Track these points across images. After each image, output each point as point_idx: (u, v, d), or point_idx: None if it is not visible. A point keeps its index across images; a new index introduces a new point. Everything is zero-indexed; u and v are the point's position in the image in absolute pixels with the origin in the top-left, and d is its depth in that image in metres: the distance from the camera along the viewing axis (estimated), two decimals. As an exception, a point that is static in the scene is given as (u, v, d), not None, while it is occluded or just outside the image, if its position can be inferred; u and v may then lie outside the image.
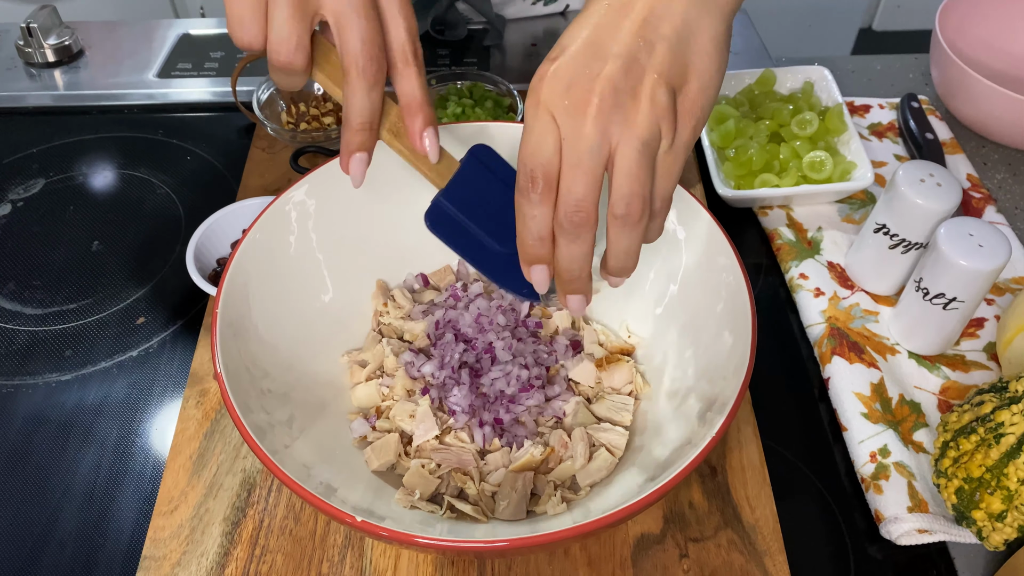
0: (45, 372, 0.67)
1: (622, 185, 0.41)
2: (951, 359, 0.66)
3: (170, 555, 0.54)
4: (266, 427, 0.48)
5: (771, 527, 0.56)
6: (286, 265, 0.58)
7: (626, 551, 0.55)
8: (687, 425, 0.52)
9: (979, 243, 0.59)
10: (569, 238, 0.43)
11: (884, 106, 0.89)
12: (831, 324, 0.67)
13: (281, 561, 0.54)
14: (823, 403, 0.65)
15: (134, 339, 0.69)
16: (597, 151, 0.41)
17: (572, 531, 0.43)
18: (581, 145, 0.41)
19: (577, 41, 0.42)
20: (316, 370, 0.59)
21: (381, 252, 0.64)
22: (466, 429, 0.57)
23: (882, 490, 0.57)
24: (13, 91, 0.92)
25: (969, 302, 0.61)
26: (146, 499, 0.59)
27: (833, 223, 0.77)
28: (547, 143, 0.41)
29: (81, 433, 0.63)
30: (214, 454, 0.59)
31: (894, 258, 0.67)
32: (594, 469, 0.55)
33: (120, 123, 0.90)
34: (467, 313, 0.62)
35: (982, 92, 0.80)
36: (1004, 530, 0.51)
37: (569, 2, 1.03)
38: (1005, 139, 0.85)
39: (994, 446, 0.50)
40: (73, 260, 0.76)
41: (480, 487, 0.55)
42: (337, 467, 0.53)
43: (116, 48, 0.97)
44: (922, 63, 0.96)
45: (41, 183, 0.83)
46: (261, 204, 0.71)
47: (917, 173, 0.64)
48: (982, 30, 0.90)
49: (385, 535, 0.43)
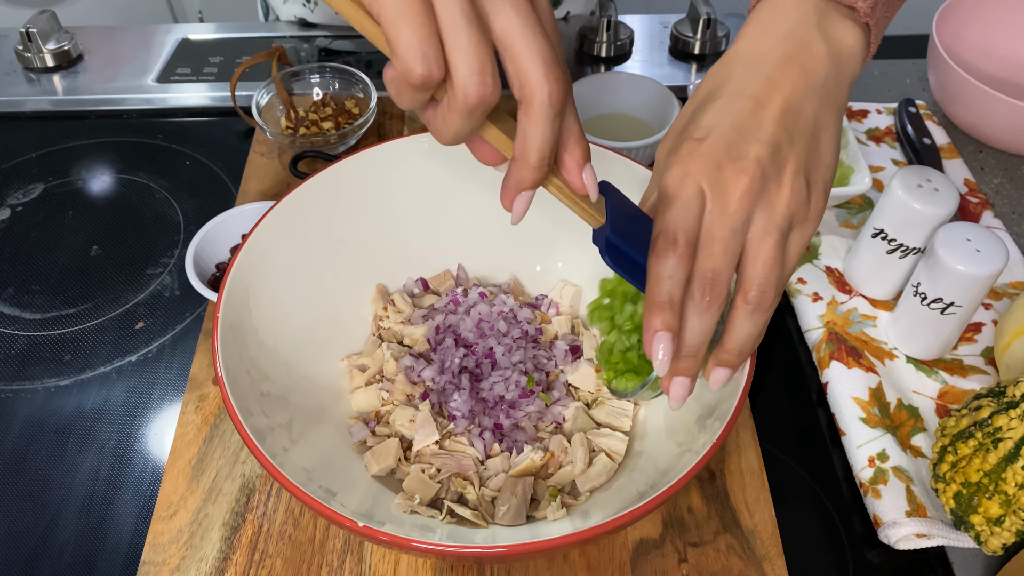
0: (44, 377, 0.67)
1: (759, 272, 0.41)
2: (949, 364, 0.66)
3: (169, 560, 0.54)
4: (266, 430, 0.48)
5: (770, 532, 0.56)
6: (286, 269, 0.58)
7: (625, 556, 0.55)
8: (687, 431, 0.52)
9: (976, 248, 0.59)
10: (698, 309, 0.42)
11: (882, 111, 0.89)
12: (829, 329, 0.68)
13: (280, 566, 0.54)
14: (821, 408, 0.65)
15: (133, 344, 0.69)
16: (740, 228, 0.41)
17: (571, 538, 0.43)
18: (727, 220, 0.41)
19: (723, 125, 0.43)
20: (316, 374, 0.59)
21: (381, 256, 0.65)
22: (466, 434, 0.57)
23: (880, 495, 0.57)
24: (12, 96, 0.92)
25: (967, 307, 0.61)
26: (145, 504, 0.59)
27: (831, 228, 0.77)
28: (692, 211, 0.42)
29: (80, 438, 0.63)
30: (213, 459, 0.59)
31: (892, 263, 0.67)
32: (594, 474, 0.55)
33: (119, 128, 0.90)
34: (467, 318, 0.62)
35: (979, 97, 0.80)
36: (1002, 534, 0.51)
37: (570, 8, 1.03)
38: (1002, 144, 0.85)
39: (992, 450, 0.50)
40: (72, 265, 0.76)
41: (480, 492, 0.55)
42: (337, 471, 0.53)
43: (115, 53, 0.97)
44: (920, 68, 0.97)
45: (40, 188, 0.83)
46: (260, 209, 0.71)
47: (914, 178, 0.64)
48: (979, 35, 0.90)
49: (385, 540, 0.43)
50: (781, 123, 0.42)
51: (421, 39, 0.36)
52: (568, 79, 0.40)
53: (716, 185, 0.41)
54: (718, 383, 0.45)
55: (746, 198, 0.41)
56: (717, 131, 0.43)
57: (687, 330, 0.42)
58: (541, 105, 0.38)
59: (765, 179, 0.41)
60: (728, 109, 0.43)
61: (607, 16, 0.95)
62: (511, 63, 0.38)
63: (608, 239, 0.44)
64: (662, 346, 0.41)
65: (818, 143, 0.43)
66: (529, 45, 0.38)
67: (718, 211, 0.41)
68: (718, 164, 0.42)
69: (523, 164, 0.40)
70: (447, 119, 0.38)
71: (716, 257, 0.41)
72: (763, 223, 0.41)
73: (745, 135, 0.42)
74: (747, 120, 0.43)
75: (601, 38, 0.96)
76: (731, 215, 0.41)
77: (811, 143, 0.43)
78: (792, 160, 0.42)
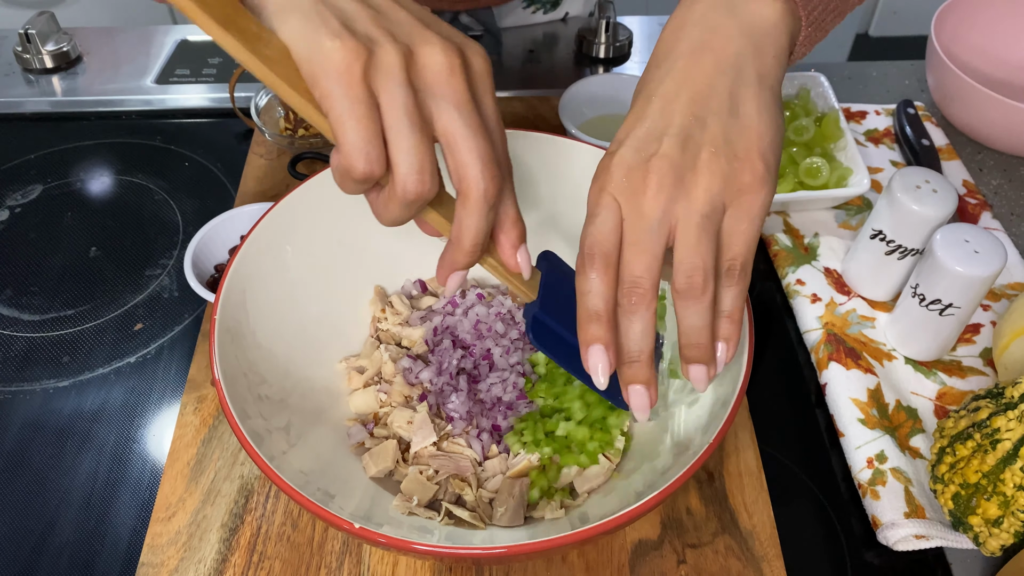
0: (43, 378, 0.67)
1: (683, 259, 0.41)
2: (947, 365, 0.66)
3: (168, 562, 0.54)
4: (264, 433, 0.48)
5: (768, 533, 0.56)
6: (284, 271, 0.58)
7: (624, 557, 0.55)
8: (684, 431, 0.52)
9: (975, 249, 0.59)
10: (629, 317, 0.42)
11: (880, 112, 0.89)
12: (828, 330, 0.68)
13: (279, 567, 0.54)
14: (820, 409, 0.65)
15: (132, 345, 0.69)
16: (656, 228, 0.41)
17: (570, 538, 0.43)
18: (641, 223, 0.41)
19: (634, 131, 0.43)
20: (313, 376, 0.59)
21: (379, 258, 0.65)
22: (464, 436, 0.57)
23: (879, 496, 0.57)
24: (11, 97, 0.92)
25: (965, 308, 0.61)
26: (144, 505, 0.59)
27: (830, 229, 0.77)
28: (607, 224, 0.42)
29: (79, 439, 0.63)
30: (212, 460, 0.59)
31: (890, 264, 0.67)
32: (591, 475, 0.55)
33: (118, 129, 0.90)
34: (465, 319, 0.62)
35: (978, 98, 0.80)
36: (1001, 535, 0.51)
37: (569, 10, 1.03)
38: (1001, 145, 0.85)
39: (990, 452, 0.50)
40: (71, 266, 0.76)
41: (478, 493, 0.55)
42: (335, 473, 0.53)
43: (114, 54, 0.97)
44: (918, 69, 0.97)
45: (39, 189, 0.83)
46: (259, 210, 0.71)
47: (913, 179, 0.64)
48: (978, 36, 0.91)
49: (383, 542, 0.43)
50: (689, 112, 0.43)
51: (365, 140, 0.39)
52: (503, 175, 0.43)
53: (627, 192, 0.42)
54: (698, 381, 0.44)
55: (658, 196, 0.41)
56: (628, 140, 0.43)
57: (623, 337, 0.43)
58: (476, 200, 0.41)
59: (678, 171, 0.41)
60: (638, 115, 0.44)
61: (606, 17, 0.95)
62: (451, 159, 0.41)
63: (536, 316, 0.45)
64: (597, 358, 0.42)
65: (737, 117, 0.43)
66: (468, 145, 0.41)
67: (633, 217, 0.42)
68: (628, 170, 0.42)
69: (458, 248, 0.43)
70: (388, 207, 0.42)
71: (634, 261, 0.42)
72: (682, 212, 0.41)
73: (653, 135, 0.42)
74: (657, 121, 0.43)
75: (600, 39, 0.96)
76: (645, 217, 0.41)
77: (728, 120, 0.43)
78: (707, 143, 0.42)
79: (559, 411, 0.57)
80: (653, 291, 0.42)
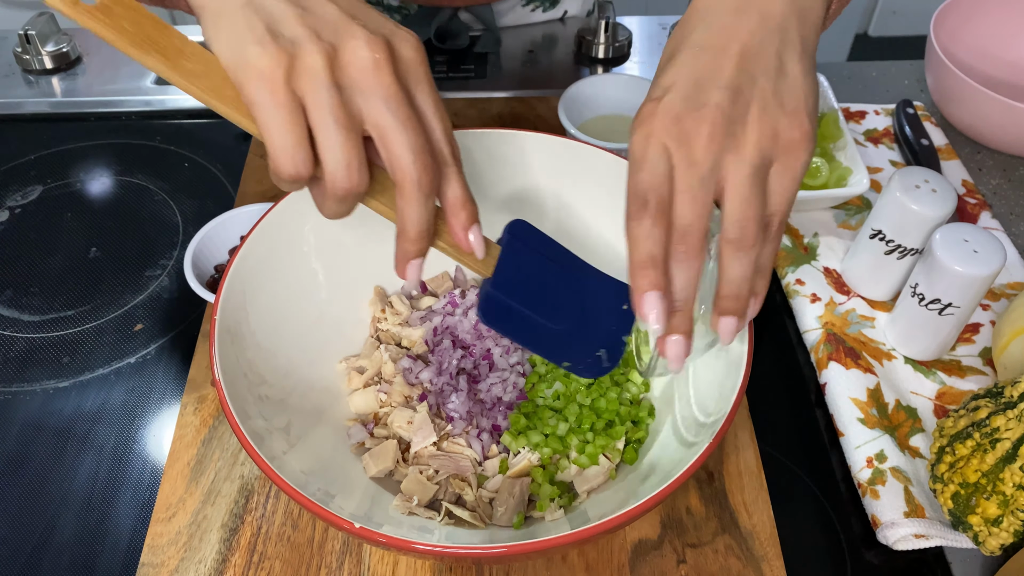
0: (43, 379, 0.67)
1: (735, 210, 0.42)
2: (947, 364, 0.66)
3: (168, 562, 0.54)
4: (264, 433, 0.48)
5: (768, 532, 0.56)
6: (284, 271, 0.58)
7: (624, 557, 0.55)
8: (684, 431, 0.53)
9: (974, 249, 0.59)
10: (677, 262, 0.42)
11: (879, 112, 0.89)
12: (827, 330, 0.68)
13: (279, 568, 0.54)
14: (820, 408, 0.65)
15: (132, 346, 0.69)
16: (708, 176, 0.41)
17: (569, 537, 0.43)
18: (693, 172, 0.41)
19: (681, 79, 0.43)
20: (314, 376, 0.59)
21: (379, 258, 0.64)
22: (464, 436, 0.57)
23: (879, 495, 0.57)
24: (11, 98, 0.92)
25: (964, 308, 0.61)
26: (144, 506, 0.59)
27: (829, 229, 0.77)
28: (659, 170, 0.42)
29: (79, 440, 0.63)
30: (212, 461, 0.59)
31: (890, 264, 0.67)
32: (591, 475, 0.55)
33: (118, 130, 0.90)
34: (465, 320, 0.62)
35: (977, 98, 0.80)
36: (1000, 535, 0.51)
37: (568, 9, 1.03)
38: (1000, 145, 0.85)
39: (990, 451, 0.50)
40: (71, 267, 0.76)
41: (478, 493, 0.55)
42: (335, 473, 0.53)
43: (114, 55, 0.97)
44: (917, 69, 0.97)
45: (39, 190, 0.83)
46: (259, 211, 0.71)
47: (912, 179, 0.64)
48: (977, 36, 0.91)
49: (383, 541, 0.43)
50: (740, 66, 0.43)
51: (291, 144, 0.40)
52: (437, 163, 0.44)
53: (679, 139, 0.42)
54: (727, 333, 0.45)
55: (711, 145, 0.41)
56: (675, 87, 0.43)
57: (672, 284, 0.43)
58: (411, 190, 0.42)
59: (730, 122, 0.41)
60: (685, 64, 0.44)
61: (605, 17, 0.95)
62: (384, 152, 0.42)
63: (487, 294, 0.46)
64: (652, 304, 0.42)
65: (785, 76, 0.43)
66: (397, 138, 0.41)
67: (684, 164, 0.42)
68: (678, 118, 0.42)
69: (405, 238, 0.44)
70: (324, 202, 0.43)
71: (686, 208, 0.42)
72: (733, 163, 0.42)
73: (704, 85, 0.42)
74: (705, 70, 0.43)
75: (599, 39, 0.96)
76: (697, 164, 0.41)
77: (776, 79, 0.43)
78: (757, 99, 0.42)
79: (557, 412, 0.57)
80: (703, 241, 0.42)
